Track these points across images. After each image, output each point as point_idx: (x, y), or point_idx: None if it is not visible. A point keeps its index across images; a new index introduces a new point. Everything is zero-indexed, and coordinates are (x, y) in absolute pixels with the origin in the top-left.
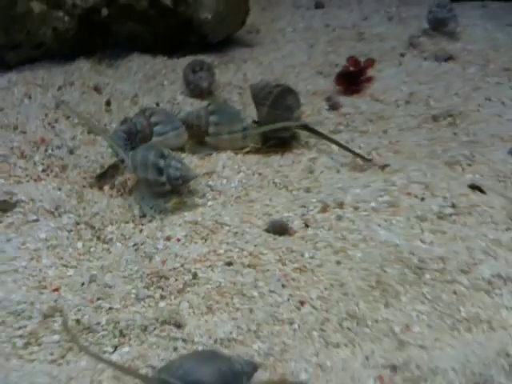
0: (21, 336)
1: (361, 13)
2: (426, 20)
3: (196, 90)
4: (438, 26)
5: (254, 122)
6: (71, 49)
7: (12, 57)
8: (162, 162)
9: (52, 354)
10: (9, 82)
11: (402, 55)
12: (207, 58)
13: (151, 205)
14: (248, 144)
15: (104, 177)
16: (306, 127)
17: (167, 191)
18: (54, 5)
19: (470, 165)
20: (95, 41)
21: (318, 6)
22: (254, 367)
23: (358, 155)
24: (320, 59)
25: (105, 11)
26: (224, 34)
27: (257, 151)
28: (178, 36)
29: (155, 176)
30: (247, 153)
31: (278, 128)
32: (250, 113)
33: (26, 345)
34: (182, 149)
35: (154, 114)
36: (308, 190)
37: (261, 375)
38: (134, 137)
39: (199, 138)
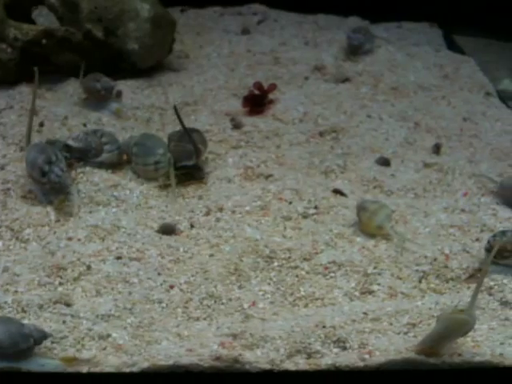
0: None
1: (280, 38)
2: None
3: (108, 92)
4: (355, 50)
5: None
6: (15, 76)
7: None
8: (46, 167)
9: None
10: None
11: (306, 78)
12: (136, 82)
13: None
14: (160, 176)
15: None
16: None
17: (48, 189)
18: None
19: (342, 173)
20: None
21: (245, 32)
22: (45, 335)
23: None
24: (237, 82)
25: (44, 41)
26: (152, 61)
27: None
28: (111, 63)
29: (39, 176)
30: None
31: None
32: (168, 132)
33: None
34: (120, 164)
35: (103, 135)
36: (200, 198)
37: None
38: (88, 153)
39: None
